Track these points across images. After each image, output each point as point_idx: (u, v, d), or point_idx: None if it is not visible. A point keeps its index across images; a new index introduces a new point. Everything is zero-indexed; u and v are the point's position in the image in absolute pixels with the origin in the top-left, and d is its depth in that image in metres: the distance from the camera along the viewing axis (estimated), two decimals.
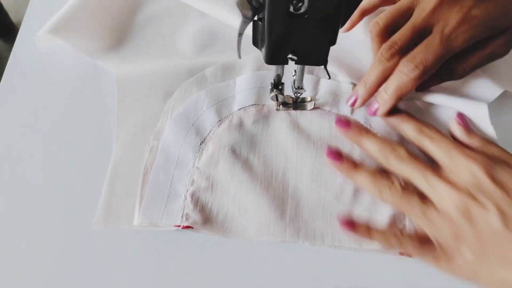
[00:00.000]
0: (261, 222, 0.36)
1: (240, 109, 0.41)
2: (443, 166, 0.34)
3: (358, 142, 0.38)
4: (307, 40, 0.32)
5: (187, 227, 0.36)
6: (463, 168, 0.32)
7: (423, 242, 0.33)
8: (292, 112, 0.42)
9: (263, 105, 0.42)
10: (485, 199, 0.31)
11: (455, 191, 0.32)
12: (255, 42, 0.34)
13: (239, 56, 0.35)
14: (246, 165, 0.39)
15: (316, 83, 0.43)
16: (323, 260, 0.36)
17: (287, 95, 0.41)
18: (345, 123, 0.39)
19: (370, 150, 0.37)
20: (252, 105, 0.42)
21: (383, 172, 0.36)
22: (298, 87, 0.39)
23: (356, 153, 0.39)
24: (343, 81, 0.43)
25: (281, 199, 0.37)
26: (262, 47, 0.34)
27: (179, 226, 0.36)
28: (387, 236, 0.34)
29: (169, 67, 0.45)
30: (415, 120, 0.38)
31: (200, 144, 0.40)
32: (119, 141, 0.40)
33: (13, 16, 1.45)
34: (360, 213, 0.37)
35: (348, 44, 0.42)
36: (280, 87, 0.40)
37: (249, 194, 0.38)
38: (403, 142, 0.39)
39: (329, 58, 0.34)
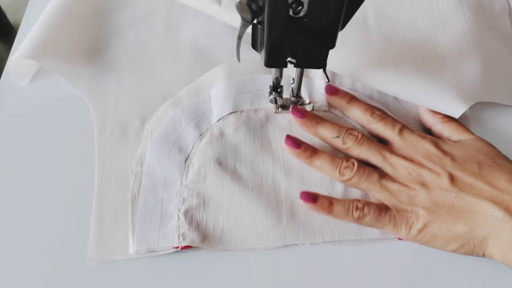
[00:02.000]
0: (259, 230, 0.36)
1: (219, 120, 0.41)
2: (394, 143, 0.38)
3: (314, 131, 0.40)
4: (306, 43, 0.32)
5: (186, 247, 0.36)
6: (414, 143, 0.37)
7: (382, 212, 0.35)
8: (271, 113, 0.42)
9: (241, 111, 0.42)
10: (436, 166, 0.35)
11: (409, 163, 0.36)
12: (254, 45, 0.35)
13: (238, 59, 0.35)
14: (235, 175, 0.39)
15: (313, 86, 0.44)
16: (325, 260, 0.36)
17: (286, 98, 0.41)
18: (300, 113, 0.40)
19: (327, 136, 0.39)
20: (230, 113, 0.41)
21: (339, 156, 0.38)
22: (297, 95, 0.39)
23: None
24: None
25: (275, 204, 0.37)
26: (262, 50, 0.34)
27: (178, 247, 0.35)
28: (347, 208, 0.36)
29: (144, 94, 0.44)
30: (362, 102, 0.41)
31: (185, 161, 0.40)
32: (100, 172, 0.40)
33: (11, 17, 1.43)
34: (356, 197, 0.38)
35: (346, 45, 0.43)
36: (279, 90, 0.40)
37: (242, 204, 0.37)
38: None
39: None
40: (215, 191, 0.38)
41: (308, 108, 0.42)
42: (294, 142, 0.39)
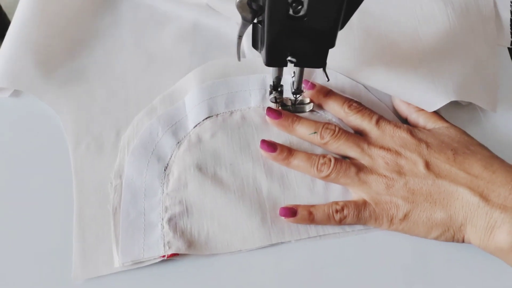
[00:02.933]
0: (245, 232, 0.36)
1: (196, 126, 0.41)
2: (371, 134, 0.39)
3: (290, 129, 0.40)
4: (306, 43, 0.32)
5: (172, 255, 0.35)
6: (391, 133, 0.38)
7: (361, 208, 0.36)
8: (246, 114, 0.42)
9: (216, 115, 0.41)
10: (412, 154, 0.36)
11: (386, 152, 0.37)
12: (255, 45, 0.34)
13: (239, 59, 0.35)
14: (215, 179, 0.38)
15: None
16: (312, 256, 0.36)
17: (286, 97, 0.41)
18: (276, 113, 0.40)
19: (304, 133, 0.39)
20: (206, 118, 0.41)
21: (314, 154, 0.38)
22: (297, 89, 0.39)
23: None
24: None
25: (258, 204, 0.37)
26: (262, 49, 0.34)
27: (164, 256, 0.35)
28: (327, 213, 0.36)
29: (116, 105, 0.43)
30: (339, 95, 0.41)
31: (164, 170, 0.39)
32: (79, 188, 0.38)
33: (12, 17, 1.32)
34: (337, 194, 0.38)
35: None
36: (279, 89, 0.40)
37: (225, 208, 0.37)
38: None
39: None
40: (197, 197, 0.38)
41: (308, 107, 0.42)
42: (270, 146, 0.39)
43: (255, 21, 0.32)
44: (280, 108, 0.42)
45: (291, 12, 0.30)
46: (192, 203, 0.37)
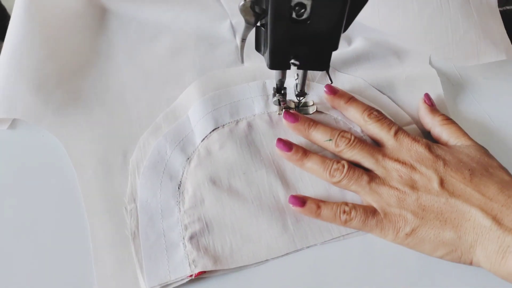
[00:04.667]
0: (268, 241, 0.36)
1: (203, 139, 0.41)
2: (388, 145, 0.38)
3: (306, 134, 0.40)
4: (309, 46, 0.32)
5: (200, 273, 0.35)
6: (408, 146, 0.37)
7: (369, 216, 0.36)
8: (252, 122, 0.42)
9: (223, 126, 0.41)
10: (428, 170, 0.35)
11: (401, 166, 0.36)
12: (258, 48, 0.35)
13: (242, 61, 0.35)
14: (231, 191, 0.38)
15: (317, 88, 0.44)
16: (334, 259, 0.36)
17: (290, 100, 0.41)
18: (293, 117, 0.40)
19: (319, 139, 0.39)
20: (212, 130, 0.41)
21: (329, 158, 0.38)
22: (301, 91, 0.39)
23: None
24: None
25: (278, 211, 0.37)
26: (265, 52, 0.34)
27: (192, 275, 0.34)
28: (335, 211, 0.36)
29: (119, 125, 0.43)
30: (361, 103, 0.41)
31: (178, 188, 0.38)
32: (91, 215, 0.37)
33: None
34: (351, 199, 0.38)
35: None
36: (282, 92, 0.40)
37: (246, 219, 0.37)
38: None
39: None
40: (216, 211, 0.37)
41: (311, 110, 0.42)
42: (285, 145, 0.39)
43: (258, 24, 0.32)
44: (283, 111, 0.41)
45: (294, 15, 0.30)
46: (211, 219, 0.37)
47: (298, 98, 0.41)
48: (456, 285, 0.35)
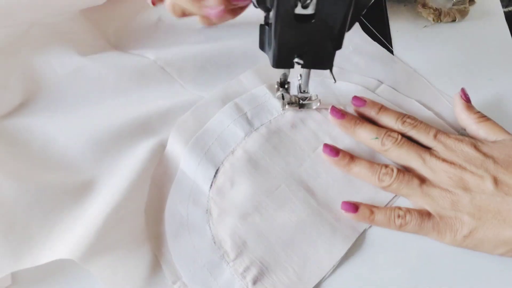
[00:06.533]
0: (325, 247, 0.36)
1: (211, 185, 0.39)
2: (434, 148, 0.37)
3: (352, 131, 0.39)
4: (313, 44, 0.32)
5: None
6: (452, 147, 0.36)
7: (425, 219, 0.35)
8: (245, 146, 0.40)
9: (222, 163, 0.39)
10: (478, 169, 0.34)
11: (450, 167, 0.35)
12: (262, 46, 0.34)
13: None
14: (266, 219, 0.37)
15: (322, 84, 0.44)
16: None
17: (293, 95, 0.41)
18: (340, 113, 0.39)
19: (365, 138, 0.38)
20: (216, 173, 0.39)
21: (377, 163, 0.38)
22: (304, 91, 0.39)
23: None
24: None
25: (318, 216, 0.37)
26: (269, 51, 0.34)
27: None
28: (389, 217, 0.35)
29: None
30: (392, 111, 0.40)
31: (214, 243, 0.37)
32: None
33: None
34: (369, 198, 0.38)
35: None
36: (286, 86, 0.39)
37: (294, 239, 0.36)
38: None
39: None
40: (262, 246, 0.36)
41: (315, 104, 0.41)
42: (332, 151, 0.38)
43: (262, 22, 0.32)
44: (287, 106, 0.41)
45: (299, 7, 0.29)
46: (262, 255, 0.36)
47: (300, 98, 0.41)
48: None
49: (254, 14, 0.36)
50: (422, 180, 0.36)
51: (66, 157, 0.40)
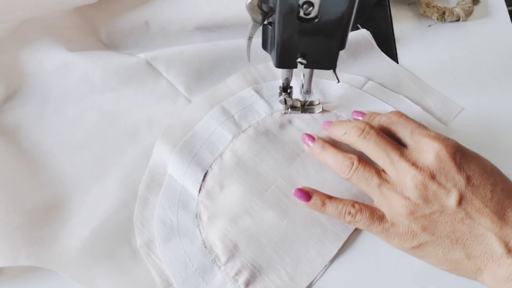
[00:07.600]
0: (316, 248, 0.36)
1: (200, 189, 0.39)
2: (409, 147, 0.34)
3: (330, 133, 0.39)
4: (316, 45, 0.32)
5: None
6: (428, 150, 0.33)
7: (375, 222, 0.33)
8: (234, 147, 0.40)
9: (211, 167, 0.39)
10: (448, 182, 0.32)
11: (417, 171, 0.32)
12: (265, 46, 0.34)
13: (249, 59, 0.34)
14: (257, 222, 0.37)
15: (325, 86, 0.44)
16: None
17: (296, 99, 0.41)
18: (327, 124, 0.39)
19: (337, 133, 0.38)
20: (204, 177, 0.39)
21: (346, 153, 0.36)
22: (307, 90, 0.39)
23: None
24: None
25: (308, 217, 0.37)
26: (272, 51, 0.34)
27: None
28: (340, 211, 0.34)
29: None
30: (380, 114, 0.38)
31: (205, 247, 0.36)
32: None
33: None
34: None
35: None
36: (288, 91, 0.39)
37: (285, 240, 0.36)
38: None
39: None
40: (254, 249, 0.36)
41: (317, 109, 0.41)
42: (310, 137, 0.39)
43: (265, 22, 0.32)
44: (290, 110, 0.41)
45: (301, 13, 0.30)
46: (253, 258, 0.36)
47: (304, 98, 0.41)
48: None
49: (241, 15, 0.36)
50: (384, 179, 0.33)
51: (52, 160, 0.41)
